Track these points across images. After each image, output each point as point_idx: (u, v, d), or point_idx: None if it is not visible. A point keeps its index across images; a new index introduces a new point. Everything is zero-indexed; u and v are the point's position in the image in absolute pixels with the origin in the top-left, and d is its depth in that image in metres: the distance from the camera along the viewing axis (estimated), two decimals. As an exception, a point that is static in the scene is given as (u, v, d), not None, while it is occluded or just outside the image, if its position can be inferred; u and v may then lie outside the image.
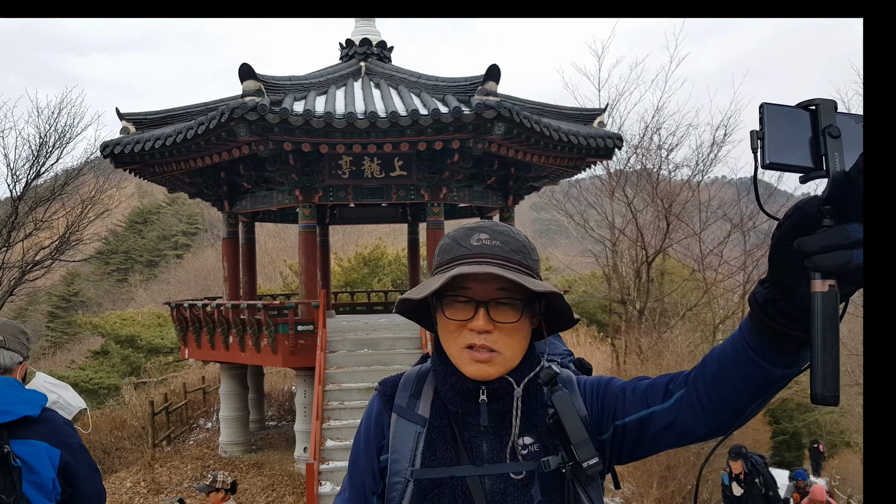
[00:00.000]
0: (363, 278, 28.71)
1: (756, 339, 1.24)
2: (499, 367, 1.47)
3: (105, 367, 27.19)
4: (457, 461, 1.48)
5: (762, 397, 1.32)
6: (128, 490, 12.98)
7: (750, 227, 20.14)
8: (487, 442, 1.50)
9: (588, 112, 14.25)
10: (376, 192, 12.89)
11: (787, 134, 1.13)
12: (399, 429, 1.55)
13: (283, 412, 18.43)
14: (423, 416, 1.54)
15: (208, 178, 14.29)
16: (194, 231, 53.28)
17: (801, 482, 12.71)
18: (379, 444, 1.59)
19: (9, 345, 2.56)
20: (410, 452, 1.51)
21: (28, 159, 17.37)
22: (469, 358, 1.46)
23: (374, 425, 1.61)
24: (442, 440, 1.50)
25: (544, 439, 1.49)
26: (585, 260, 23.85)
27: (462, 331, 1.47)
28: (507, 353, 1.47)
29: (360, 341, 12.41)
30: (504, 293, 1.46)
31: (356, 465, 1.64)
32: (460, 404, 1.51)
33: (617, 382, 1.57)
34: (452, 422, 1.53)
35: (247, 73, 10.70)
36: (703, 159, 20.94)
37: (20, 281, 17.48)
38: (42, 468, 2.33)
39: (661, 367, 12.96)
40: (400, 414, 1.56)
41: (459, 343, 1.48)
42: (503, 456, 1.48)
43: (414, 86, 12.58)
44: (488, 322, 1.45)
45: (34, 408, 2.40)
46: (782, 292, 1.15)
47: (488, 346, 1.45)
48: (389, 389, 1.63)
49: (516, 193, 15.03)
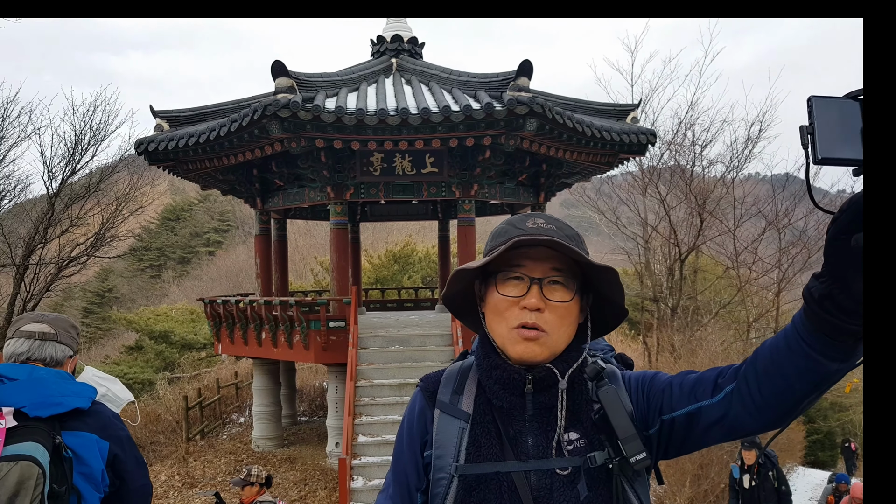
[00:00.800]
0: (393, 275, 28.80)
1: (812, 334, 1.23)
2: (545, 348, 1.48)
3: (139, 363, 27.59)
4: (501, 457, 1.48)
5: (817, 392, 1.30)
6: (162, 483, 13.15)
7: (785, 224, 19.82)
8: (533, 437, 1.49)
9: (621, 108, 14.11)
10: (407, 189, 12.90)
11: (837, 127, 1.11)
12: (442, 424, 1.55)
13: (315, 408, 18.55)
14: (466, 411, 1.54)
15: (241, 175, 14.41)
16: (226, 228, 53.85)
17: (842, 485, 12.42)
18: (422, 440, 1.59)
19: (60, 338, 2.60)
20: (454, 448, 1.51)
21: (64, 157, 17.63)
22: (518, 336, 1.48)
23: (417, 421, 1.61)
24: (486, 435, 1.50)
25: (590, 435, 1.48)
26: (617, 257, 23.62)
27: (513, 309, 1.49)
28: (554, 334, 1.48)
29: (390, 338, 12.43)
30: (558, 273, 1.49)
31: (399, 461, 1.64)
32: (505, 398, 1.51)
33: (662, 377, 1.56)
34: (497, 417, 1.52)
35: (279, 70, 10.76)
36: (737, 155, 20.65)
37: (56, 277, 17.77)
38: (92, 460, 2.37)
39: (695, 366, 12.80)
40: (443, 410, 1.57)
41: (510, 322, 1.49)
42: (549, 451, 1.47)
43: (445, 82, 12.55)
44: (541, 299, 1.47)
45: (85, 400, 2.43)
46: (840, 287, 1.14)
47: (539, 325, 1.46)
48: (432, 385, 1.63)
49: (548, 190, 14.94)
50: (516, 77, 10.97)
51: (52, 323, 2.62)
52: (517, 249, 1.48)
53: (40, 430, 2.27)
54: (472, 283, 1.60)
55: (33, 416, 2.29)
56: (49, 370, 2.49)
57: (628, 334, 25.88)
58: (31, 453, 2.20)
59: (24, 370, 2.43)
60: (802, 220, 20.26)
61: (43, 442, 2.24)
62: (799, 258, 19.35)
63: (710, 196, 19.47)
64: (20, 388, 2.35)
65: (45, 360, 2.54)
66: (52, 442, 2.26)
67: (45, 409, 2.31)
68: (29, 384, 2.37)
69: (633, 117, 13.71)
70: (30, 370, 2.44)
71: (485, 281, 1.56)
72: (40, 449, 2.22)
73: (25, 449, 2.20)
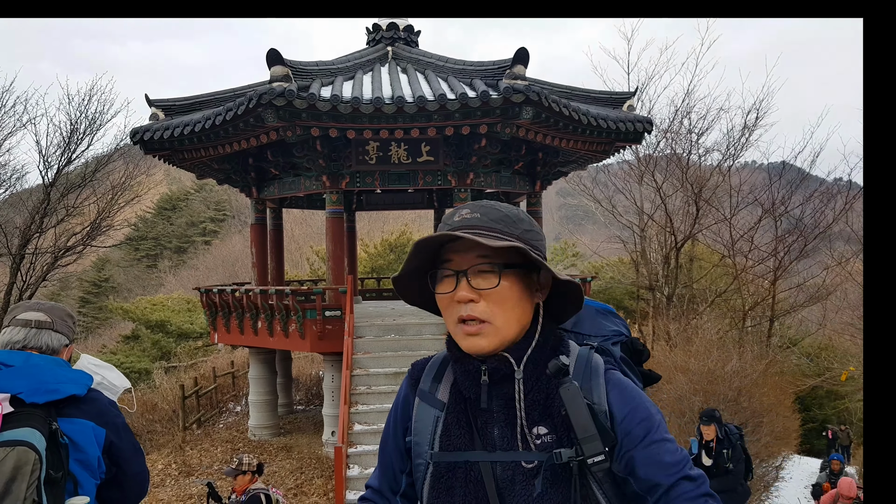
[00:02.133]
0: (389, 264, 28.80)
1: None
2: (490, 337, 1.47)
3: (136, 352, 27.61)
4: (471, 446, 1.50)
5: None
6: (159, 472, 13.19)
7: (781, 212, 19.81)
8: (499, 428, 1.49)
9: (617, 96, 14.08)
10: (403, 178, 12.87)
11: None
12: (421, 412, 1.58)
13: (311, 396, 18.59)
14: (441, 400, 1.56)
15: (236, 165, 14.37)
16: (222, 217, 53.79)
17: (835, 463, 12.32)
18: (405, 426, 1.63)
19: (56, 327, 2.61)
20: (430, 436, 1.54)
21: (59, 146, 17.59)
22: (462, 332, 1.48)
23: (402, 407, 1.65)
24: (457, 425, 1.52)
25: (559, 430, 1.46)
26: (613, 246, 23.64)
27: (452, 305, 1.49)
28: (496, 321, 1.46)
29: (386, 327, 12.44)
30: (484, 260, 1.46)
31: (386, 444, 1.68)
32: (471, 388, 1.51)
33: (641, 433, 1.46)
34: (468, 406, 1.53)
35: (274, 58, 10.70)
36: (733, 143, 20.61)
37: (53, 266, 17.76)
38: (88, 446, 2.38)
39: (690, 354, 12.83)
40: (422, 398, 1.59)
41: (453, 318, 1.49)
42: (514, 443, 1.47)
43: (441, 70, 12.50)
44: (470, 290, 1.46)
45: (81, 387, 2.44)
46: None
47: (475, 316, 1.46)
48: (417, 373, 1.66)
49: (544, 179, 14.92)
50: (512, 65, 10.93)
51: (49, 311, 2.62)
52: (446, 245, 1.49)
53: (37, 416, 2.27)
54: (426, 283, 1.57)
55: (30, 402, 2.29)
56: (45, 357, 2.49)
57: (624, 323, 25.89)
58: (28, 439, 2.20)
59: (21, 357, 2.43)
60: (799, 208, 20.26)
61: (39, 428, 2.24)
62: (795, 246, 19.36)
63: (706, 184, 19.46)
64: (16, 375, 2.35)
65: (40, 349, 2.55)
66: (48, 428, 2.27)
67: (41, 395, 2.31)
68: (25, 370, 2.37)
69: (629, 105, 13.67)
70: (26, 357, 2.44)
71: (430, 277, 1.55)
72: (37, 435, 2.22)
73: (22, 434, 2.20)
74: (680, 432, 10.71)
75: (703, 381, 11.50)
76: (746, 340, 16.52)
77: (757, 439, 11.24)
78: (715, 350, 12.81)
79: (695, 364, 12.05)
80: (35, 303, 2.67)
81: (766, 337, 19.10)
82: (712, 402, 10.68)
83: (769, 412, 12.06)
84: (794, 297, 20.70)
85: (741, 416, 11.02)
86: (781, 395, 13.93)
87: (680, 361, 12.51)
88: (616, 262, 27.22)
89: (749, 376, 11.89)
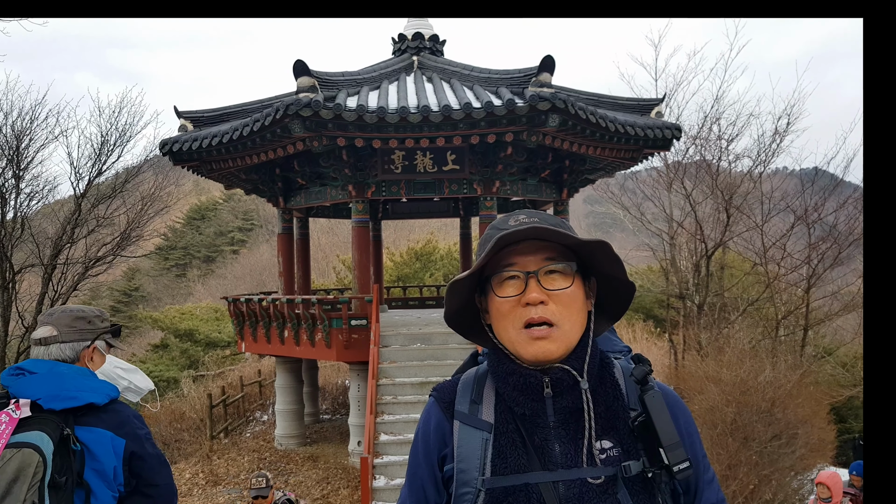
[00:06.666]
0: (415, 273, 28.76)
1: None
2: (559, 342, 1.41)
3: (165, 361, 27.86)
4: (528, 467, 1.40)
5: None
6: (187, 481, 13.23)
7: (815, 219, 19.43)
8: (560, 444, 1.41)
9: (645, 102, 13.93)
10: (429, 187, 12.84)
11: None
12: (464, 436, 1.47)
13: (337, 406, 18.58)
14: (487, 421, 1.46)
15: (263, 175, 14.45)
16: (250, 227, 54.23)
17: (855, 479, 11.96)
18: (440, 454, 1.51)
19: (63, 337, 2.59)
20: (479, 461, 1.43)
21: (90, 158, 17.79)
22: (527, 338, 1.41)
23: (434, 434, 1.53)
24: (511, 446, 1.42)
25: (625, 443, 1.40)
26: (642, 254, 23.39)
27: (516, 310, 1.42)
28: (565, 325, 1.41)
29: (412, 336, 12.38)
30: (552, 261, 1.42)
31: (416, 476, 1.56)
32: (526, 404, 1.43)
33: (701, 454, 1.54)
34: (520, 425, 1.44)
35: (301, 69, 10.75)
36: (764, 149, 20.26)
37: (83, 276, 17.95)
38: (104, 456, 2.39)
39: (722, 364, 12.60)
40: (463, 421, 1.48)
41: (516, 324, 1.42)
42: (578, 460, 1.39)
43: (467, 79, 12.46)
44: (542, 291, 1.40)
45: (100, 396, 2.46)
46: None
47: (546, 319, 1.40)
48: (447, 396, 1.55)
49: (571, 186, 14.80)
50: (538, 73, 10.85)
51: (56, 323, 2.62)
52: (506, 249, 1.43)
53: (50, 420, 2.32)
54: (472, 298, 1.53)
55: (47, 407, 2.35)
56: (71, 366, 2.52)
57: (653, 332, 25.62)
58: (35, 442, 2.25)
59: (46, 365, 2.49)
60: (832, 214, 19.85)
61: (49, 432, 2.28)
62: (829, 254, 18.96)
63: (736, 191, 19.15)
64: (38, 381, 2.42)
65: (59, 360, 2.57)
66: (59, 433, 2.30)
67: (59, 401, 2.36)
68: (48, 378, 2.43)
69: (657, 112, 13.52)
70: (51, 365, 2.49)
71: (483, 290, 1.50)
72: (45, 438, 2.26)
73: (30, 437, 2.26)
74: (712, 444, 10.52)
75: (735, 392, 11.28)
76: (780, 350, 16.20)
77: (792, 451, 10.99)
78: (747, 360, 12.56)
79: (727, 374, 11.83)
80: (48, 312, 2.70)
81: (799, 346, 18.70)
82: (745, 414, 10.47)
83: (804, 423, 11.80)
84: (828, 306, 20.26)
85: (775, 427, 10.79)
86: (816, 406, 13.61)
87: (711, 371, 12.30)
88: (645, 271, 26.93)
89: (783, 387, 11.63)
